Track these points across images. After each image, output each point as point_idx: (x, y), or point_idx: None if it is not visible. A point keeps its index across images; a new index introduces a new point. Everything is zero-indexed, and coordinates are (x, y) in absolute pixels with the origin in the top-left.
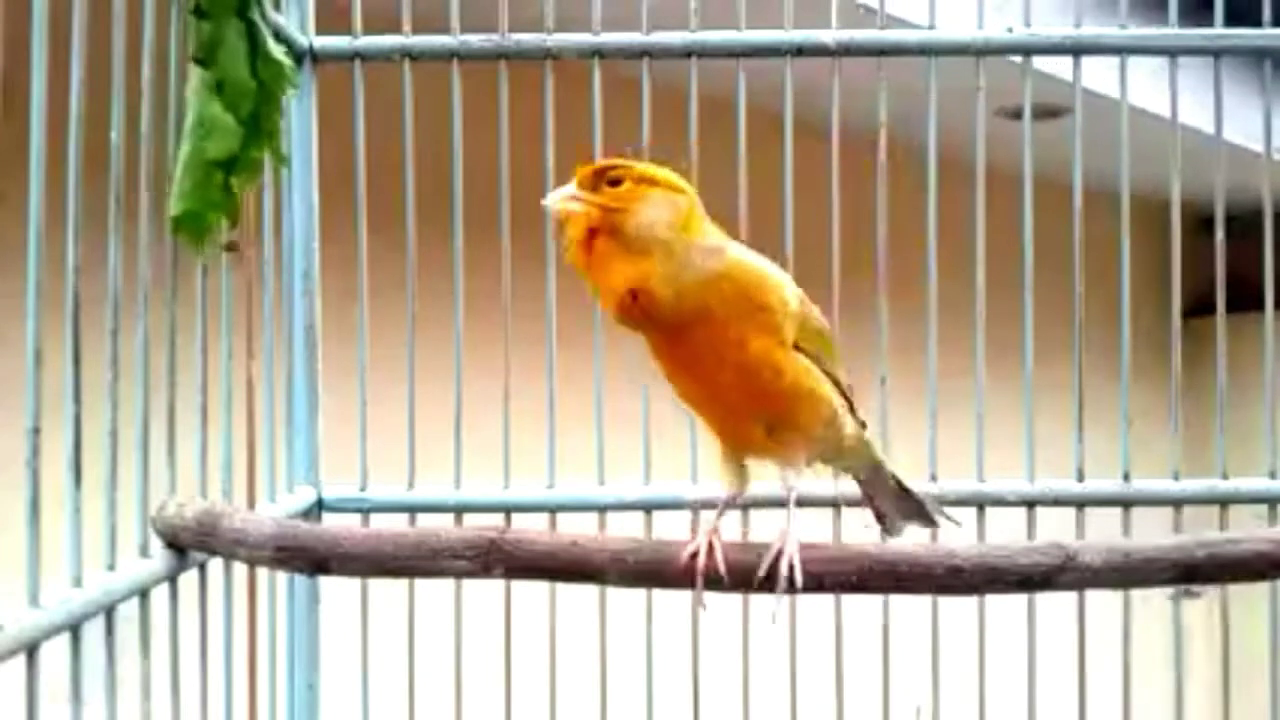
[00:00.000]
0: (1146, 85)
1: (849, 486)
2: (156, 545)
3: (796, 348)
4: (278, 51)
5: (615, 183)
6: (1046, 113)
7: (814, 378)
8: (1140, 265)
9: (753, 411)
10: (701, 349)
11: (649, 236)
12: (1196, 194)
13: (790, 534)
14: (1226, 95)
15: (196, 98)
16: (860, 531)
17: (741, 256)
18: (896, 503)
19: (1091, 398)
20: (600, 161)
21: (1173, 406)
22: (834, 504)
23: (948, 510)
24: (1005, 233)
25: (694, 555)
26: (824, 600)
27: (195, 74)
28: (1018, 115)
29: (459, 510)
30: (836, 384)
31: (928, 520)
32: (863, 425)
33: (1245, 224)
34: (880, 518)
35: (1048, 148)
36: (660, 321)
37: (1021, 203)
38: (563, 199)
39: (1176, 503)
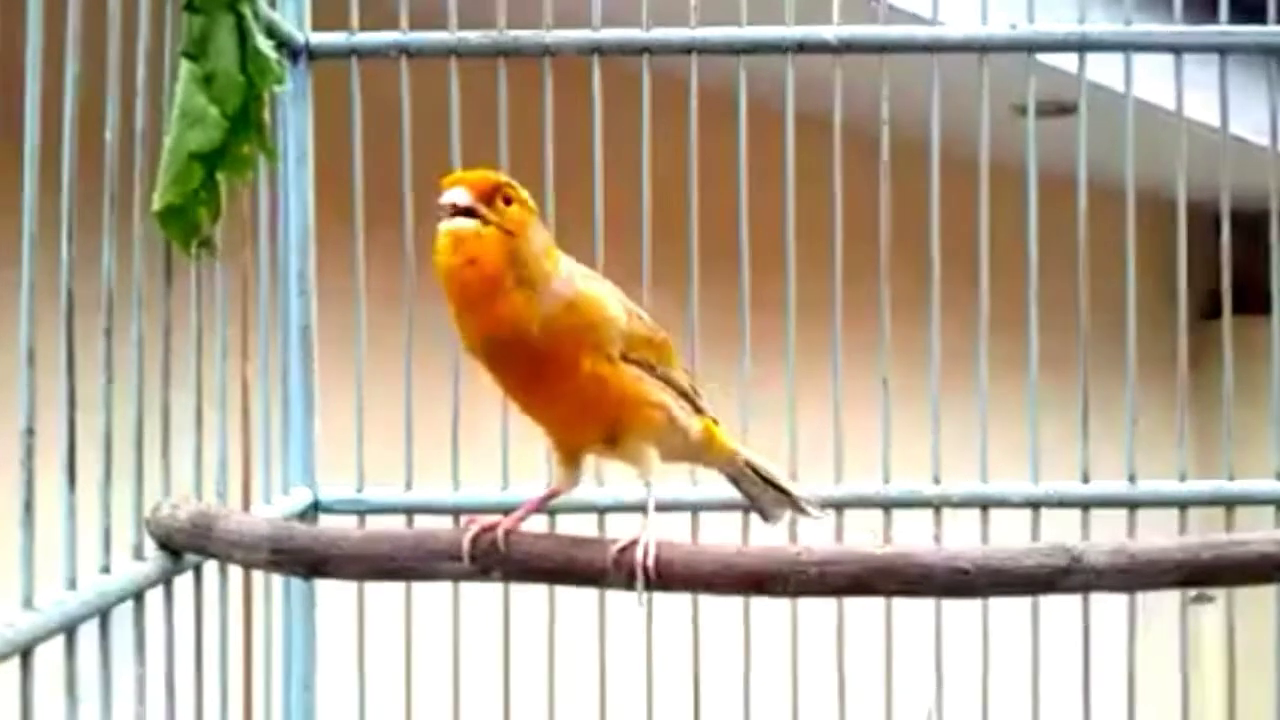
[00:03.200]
0: (1157, 80)
1: (854, 489)
2: (151, 547)
3: (626, 359)
4: (266, 46)
5: (508, 201)
6: (1060, 109)
7: (644, 385)
8: (1155, 264)
9: (588, 424)
10: (540, 370)
11: (536, 267)
12: (1212, 192)
13: (649, 528)
14: (1236, 90)
15: (183, 91)
16: (861, 534)
17: (584, 286)
18: (764, 493)
19: (1101, 399)
20: (484, 173)
21: (1180, 407)
22: (836, 507)
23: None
24: (1013, 230)
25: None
26: (826, 603)
27: (184, 67)
28: (1040, 112)
29: (457, 511)
30: (678, 386)
31: (797, 508)
32: (713, 420)
33: (1262, 223)
34: (757, 508)
35: (1063, 145)
36: (517, 349)
37: (1026, 203)
38: (461, 210)
39: (1182, 504)
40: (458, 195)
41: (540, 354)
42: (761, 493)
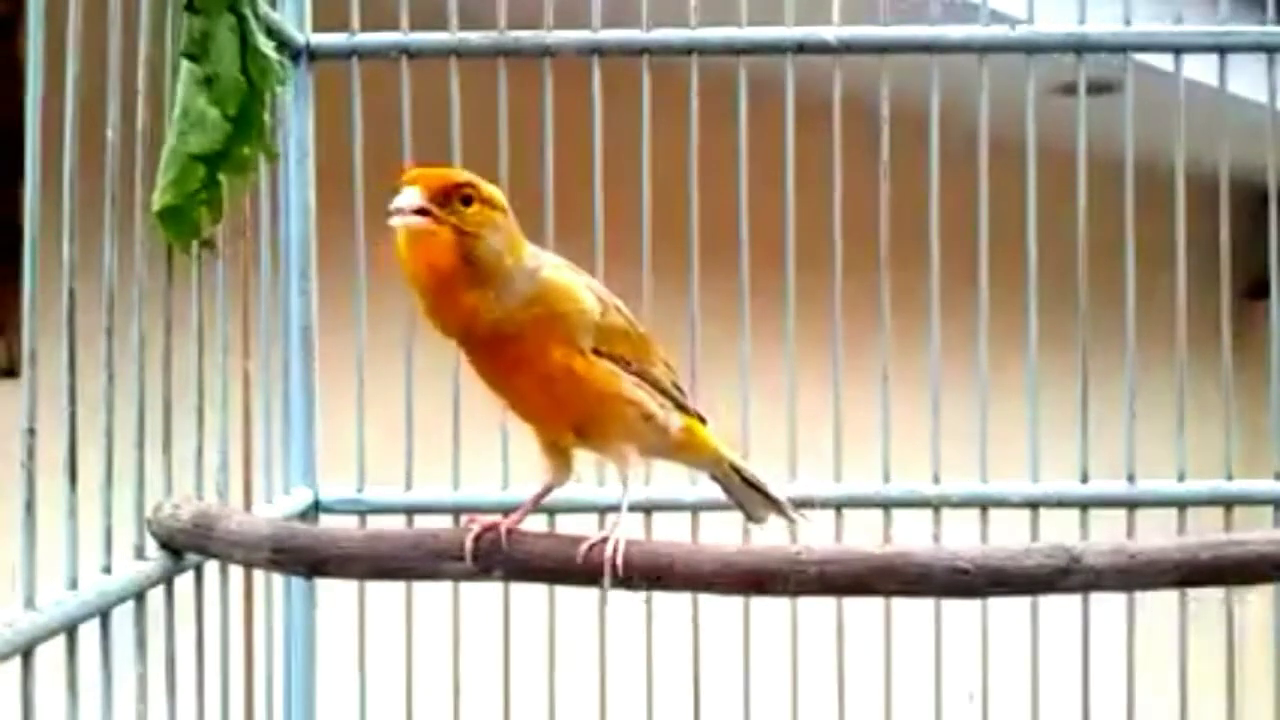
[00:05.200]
0: (1196, 59)
1: (854, 489)
2: (152, 547)
3: (598, 353)
4: (267, 48)
5: (467, 201)
6: (1099, 88)
7: (616, 381)
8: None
9: (558, 416)
10: (510, 361)
11: (494, 265)
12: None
13: (621, 525)
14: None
15: (184, 92)
16: (861, 535)
17: (551, 274)
18: (748, 496)
19: (1103, 388)
20: (444, 172)
21: (1179, 405)
22: (836, 507)
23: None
24: (1015, 223)
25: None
26: (826, 603)
27: (184, 68)
28: (1070, 91)
29: (457, 511)
30: (656, 382)
31: (782, 512)
32: (701, 420)
33: None
34: (742, 509)
35: (1099, 125)
36: (481, 341)
37: (1025, 196)
38: (412, 213)
39: (1181, 504)
40: (409, 198)
41: (502, 347)
42: (745, 495)
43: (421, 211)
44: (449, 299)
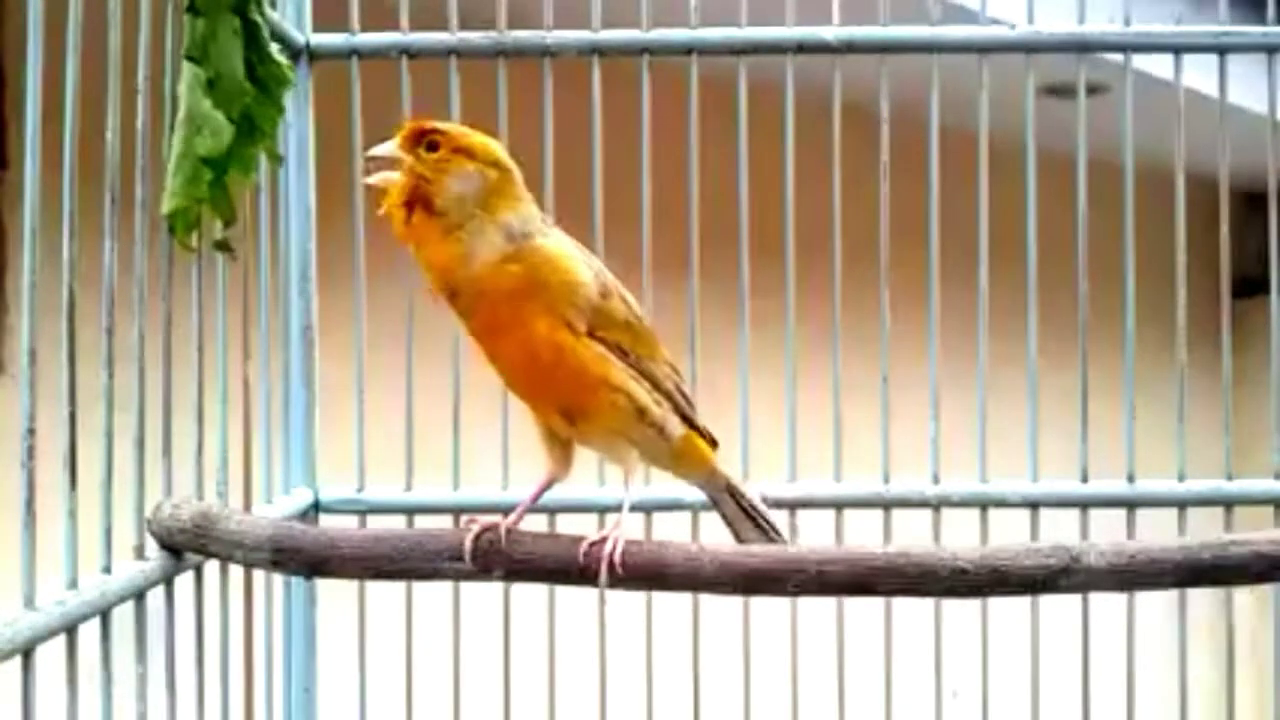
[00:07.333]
0: (1191, 62)
1: (854, 489)
2: (152, 547)
3: (593, 335)
4: (278, 53)
5: (433, 147)
6: (1090, 89)
7: (608, 368)
8: (1162, 249)
9: (544, 394)
10: (494, 327)
11: (453, 210)
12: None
13: (621, 524)
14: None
15: (188, 94)
16: (861, 535)
17: (544, 242)
18: (740, 519)
19: (1104, 390)
20: (425, 121)
21: (1179, 405)
22: (836, 507)
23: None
24: (1019, 226)
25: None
26: (826, 602)
27: (187, 70)
28: (1059, 92)
29: (457, 511)
30: (654, 378)
31: (773, 542)
32: (713, 442)
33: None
34: (731, 528)
35: (1090, 125)
36: (459, 298)
37: (1026, 198)
38: (384, 155)
39: (1181, 504)
40: (385, 145)
41: (485, 308)
42: (737, 518)
43: (395, 161)
44: (424, 247)
